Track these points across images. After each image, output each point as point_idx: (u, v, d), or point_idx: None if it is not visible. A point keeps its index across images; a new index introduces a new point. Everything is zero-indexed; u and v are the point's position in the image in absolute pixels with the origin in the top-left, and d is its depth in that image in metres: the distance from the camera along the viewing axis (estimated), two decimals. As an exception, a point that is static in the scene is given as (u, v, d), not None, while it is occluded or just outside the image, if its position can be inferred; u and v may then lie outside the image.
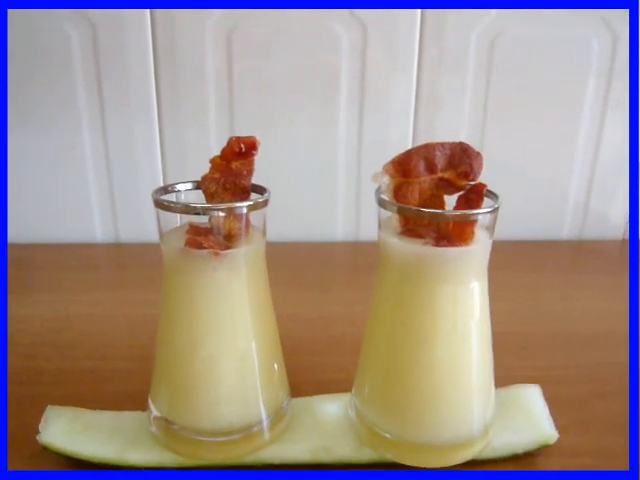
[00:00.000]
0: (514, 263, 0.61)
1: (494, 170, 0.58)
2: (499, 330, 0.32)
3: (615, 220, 0.69)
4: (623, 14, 0.59)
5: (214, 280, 0.28)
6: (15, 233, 0.65)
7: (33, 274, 0.58)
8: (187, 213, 0.27)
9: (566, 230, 0.69)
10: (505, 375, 0.35)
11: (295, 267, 0.60)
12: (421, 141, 0.29)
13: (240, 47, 0.60)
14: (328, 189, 0.66)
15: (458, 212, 0.27)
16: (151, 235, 0.66)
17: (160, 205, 0.27)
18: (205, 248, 0.27)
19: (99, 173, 0.64)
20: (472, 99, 0.63)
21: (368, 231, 0.67)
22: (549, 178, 0.67)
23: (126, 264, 0.62)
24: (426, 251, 0.27)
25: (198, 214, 0.27)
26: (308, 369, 0.40)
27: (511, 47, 0.61)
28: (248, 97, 0.62)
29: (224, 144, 0.31)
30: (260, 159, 0.31)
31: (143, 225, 0.66)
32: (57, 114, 0.61)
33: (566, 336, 0.46)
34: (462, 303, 0.27)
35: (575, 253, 0.67)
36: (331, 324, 0.48)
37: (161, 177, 0.64)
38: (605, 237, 0.69)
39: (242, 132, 0.63)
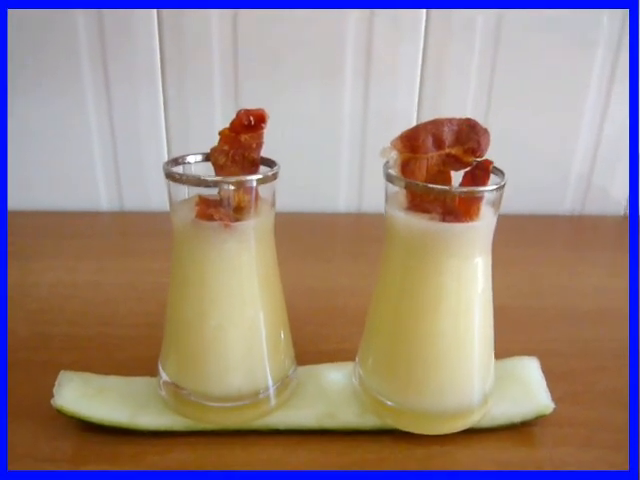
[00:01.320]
0: (515, 238, 0.62)
1: (498, 143, 0.58)
2: (499, 304, 0.33)
3: (617, 195, 0.69)
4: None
5: (223, 251, 0.29)
6: (21, 201, 0.65)
7: (39, 241, 0.58)
8: (199, 186, 0.28)
9: (568, 205, 0.70)
10: (504, 348, 0.36)
11: (298, 238, 0.60)
12: (426, 113, 0.30)
13: (245, 19, 0.59)
14: (331, 160, 0.67)
15: (465, 188, 0.27)
16: (155, 204, 0.66)
17: (172, 177, 0.28)
18: (215, 220, 0.28)
19: (104, 142, 0.64)
20: (478, 71, 0.62)
21: (371, 203, 0.68)
22: (553, 151, 0.67)
23: (130, 232, 0.62)
24: (432, 226, 0.27)
25: (209, 187, 0.27)
26: (312, 339, 0.41)
27: (519, 21, 0.60)
28: (253, 68, 0.61)
29: (229, 115, 0.31)
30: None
31: (147, 194, 0.66)
32: (62, 84, 0.61)
33: (564, 311, 0.47)
34: (466, 278, 0.28)
35: (576, 228, 0.68)
36: (334, 295, 0.49)
37: (165, 147, 0.64)
38: (606, 212, 0.70)
39: (246, 102, 0.63)
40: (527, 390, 0.34)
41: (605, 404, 0.36)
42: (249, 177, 0.28)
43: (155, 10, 0.58)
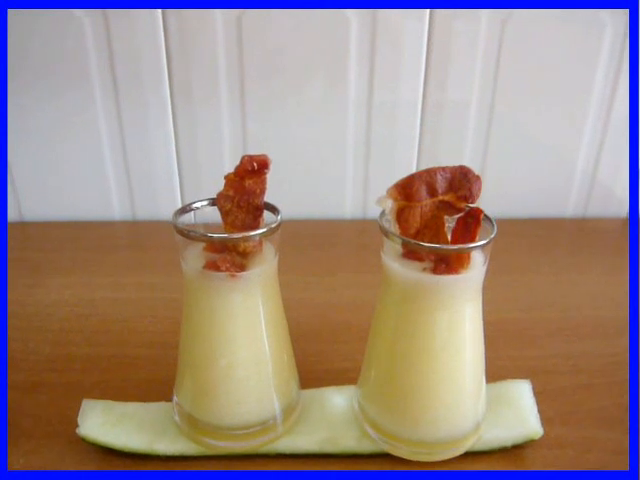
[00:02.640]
0: (516, 244, 0.63)
1: (503, 143, 0.58)
2: (494, 318, 0.35)
3: (620, 196, 0.70)
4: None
5: (231, 298, 0.31)
6: (36, 212, 0.68)
7: (55, 255, 0.61)
8: (205, 242, 0.30)
9: (571, 207, 0.70)
10: (498, 365, 0.38)
11: (302, 247, 0.62)
12: (430, 110, 0.29)
13: (250, 15, 0.59)
14: (336, 166, 0.68)
15: (455, 247, 0.29)
16: (165, 213, 0.68)
17: (180, 232, 0.30)
18: (222, 271, 0.30)
19: (115, 152, 0.65)
20: (483, 64, 0.62)
21: (377, 209, 0.69)
22: (557, 151, 0.67)
23: (143, 244, 0.65)
24: (424, 278, 0.29)
25: (215, 243, 0.29)
26: (316, 358, 0.44)
27: (524, 17, 0.60)
28: (257, 70, 0.62)
29: (236, 118, 0.31)
30: (268, 133, 0.32)
31: (157, 203, 0.68)
32: (72, 93, 0.62)
33: (559, 323, 0.49)
34: (457, 324, 0.30)
35: (578, 232, 0.69)
36: (338, 310, 0.51)
37: (174, 152, 0.66)
38: (609, 215, 0.71)
39: (252, 99, 0.63)
40: (519, 415, 0.36)
41: (592, 424, 0.38)
42: (253, 233, 0.30)
43: (160, 10, 0.59)
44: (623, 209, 0.71)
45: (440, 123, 0.65)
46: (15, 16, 0.58)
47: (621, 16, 0.60)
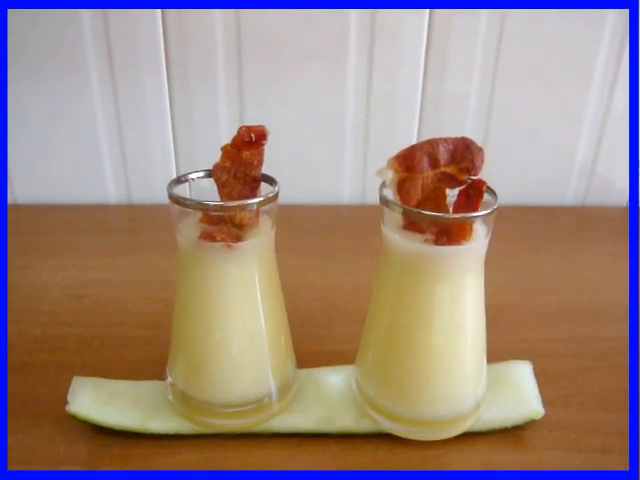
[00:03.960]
0: (516, 230, 0.62)
1: (502, 130, 0.57)
2: (495, 301, 0.34)
3: (620, 186, 0.70)
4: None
5: (226, 270, 0.30)
6: (30, 194, 0.67)
7: (49, 237, 0.60)
8: (202, 210, 0.29)
9: (570, 195, 0.70)
10: (499, 348, 0.37)
11: (300, 232, 0.61)
12: (429, 97, 0.29)
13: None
14: (335, 151, 0.67)
15: (457, 215, 0.28)
16: (160, 196, 0.67)
17: (176, 201, 0.29)
18: (218, 241, 0.29)
19: (111, 135, 0.65)
20: (482, 56, 0.62)
21: (375, 194, 0.68)
22: (557, 141, 0.67)
23: (138, 227, 0.64)
24: (425, 249, 0.28)
25: (212, 211, 0.28)
26: (313, 340, 0.43)
27: (524, 11, 0.59)
28: (255, 55, 0.61)
29: (233, 103, 0.31)
30: (265, 119, 0.32)
31: (153, 187, 0.67)
32: (69, 78, 0.61)
33: (560, 308, 0.48)
34: (459, 297, 0.29)
35: (578, 220, 0.68)
36: (336, 293, 0.50)
37: (171, 136, 0.65)
38: (609, 203, 0.70)
39: (250, 85, 0.63)
40: (519, 395, 0.35)
41: (594, 407, 0.37)
42: (250, 201, 0.29)
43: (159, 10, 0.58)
44: (622, 198, 0.70)
45: (439, 115, 0.65)
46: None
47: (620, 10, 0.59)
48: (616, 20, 0.60)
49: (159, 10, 0.59)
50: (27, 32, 0.59)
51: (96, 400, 0.34)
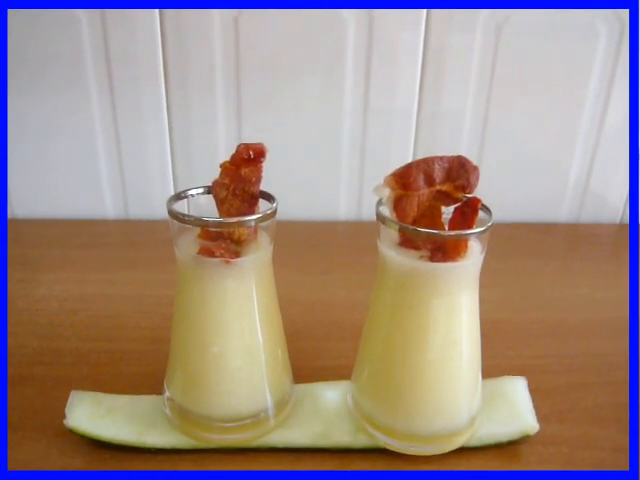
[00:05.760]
0: (510, 247, 0.63)
1: (497, 147, 0.57)
2: (490, 318, 0.35)
3: (614, 203, 0.70)
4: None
5: (224, 285, 0.30)
6: (29, 209, 0.67)
7: (47, 251, 0.60)
8: (201, 226, 0.29)
9: (564, 212, 0.71)
10: (494, 364, 0.38)
11: (297, 247, 0.61)
12: (426, 113, 0.29)
13: (247, 16, 0.59)
14: (331, 167, 0.68)
15: (452, 232, 0.29)
16: (158, 211, 0.68)
17: (175, 217, 0.29)
18: (217, 257, 0.30)
19: (109, 150, 0.65)
20: (479, 69, 0.63)
21: (371, 210, 0.69)
22: (550, 158, 0.68)
23: (136, 242, 0.64)
24: (421, 266, 0.29)
25: (210, 228, 0.29)
26: (310, 355, 0.43)
27: (520, 22, 0.60)
28: (253, 65, 0.62)
29: (230, 115, 0.31)
30: (263, 134, 0.32)
31: (151, 203, 0.68)
32: (67, 92, 0.62)
33: (554, 324, 0.49)
34: (454, 313, 0.30)
35: (572, 237, 0.69)
36: (332, 309, 0.50)
37: (169, 150, 0.66)
38: (602, 221, 0.71)
39: (248, 101, 0.63)
40: (514, 411, 0.36)
41: (588, 422, 0.37)
42: (248, 217, 0.29)
43: (157, 10, 0.59)
44: (616, 215, 0.71)
45: (435, 131, 0.66)
46: (14, 16, 0.58)
47: (615, 25, 0.60)
48: (609, 36, 0.61)
49: (158, 25, 0.59)
50: (25, 46, 0.60)
51: (94, 414, 0.34)
